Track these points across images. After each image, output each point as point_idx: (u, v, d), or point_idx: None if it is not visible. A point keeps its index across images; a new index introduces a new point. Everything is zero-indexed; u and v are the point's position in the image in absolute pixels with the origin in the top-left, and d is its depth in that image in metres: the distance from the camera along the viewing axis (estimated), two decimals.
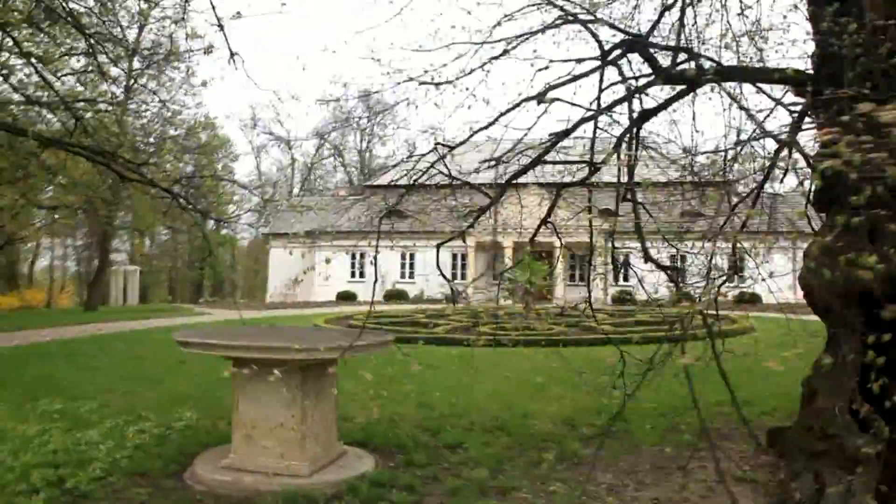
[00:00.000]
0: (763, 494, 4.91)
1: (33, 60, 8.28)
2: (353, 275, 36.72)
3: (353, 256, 36.76)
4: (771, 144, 5.74)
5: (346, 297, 34.68)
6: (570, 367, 7.69)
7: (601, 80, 5.18)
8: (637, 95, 5.14)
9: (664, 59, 5.37)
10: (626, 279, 34.56)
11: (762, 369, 7.50)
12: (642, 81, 5.31)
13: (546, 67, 5.23)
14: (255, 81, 5.50)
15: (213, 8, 5.23)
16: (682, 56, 5.43)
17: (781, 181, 6.01)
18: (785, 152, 5.58)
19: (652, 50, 5.34)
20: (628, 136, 5.22)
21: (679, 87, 5.36)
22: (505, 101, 5.32)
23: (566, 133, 5.24)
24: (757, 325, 15.00)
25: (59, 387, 8.53)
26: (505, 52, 5.34)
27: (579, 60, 5.20)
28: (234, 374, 5.06)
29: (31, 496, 4.54)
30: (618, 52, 5.29)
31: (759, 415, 7.15)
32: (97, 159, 6.97)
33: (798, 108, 5.30)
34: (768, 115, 5.50)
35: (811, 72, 5.23)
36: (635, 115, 5.19)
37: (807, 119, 5.27)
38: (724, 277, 6.82)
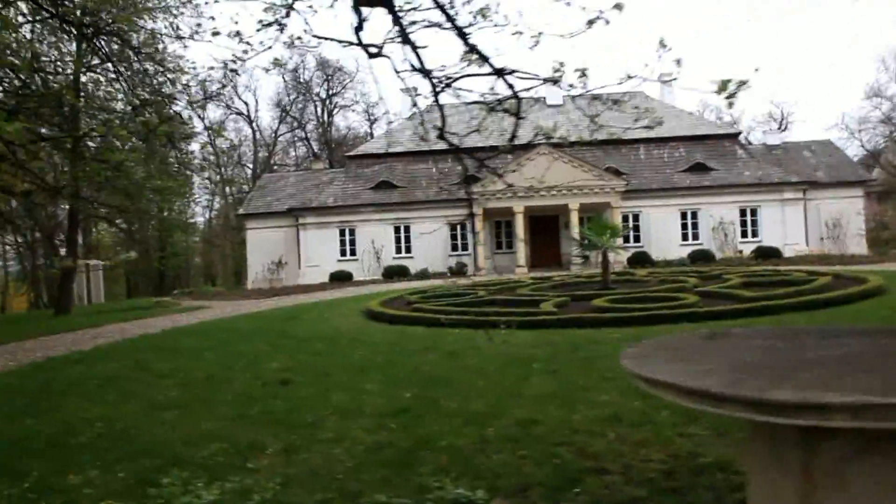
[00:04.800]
0: None
1: None
2: (343, 253, 33.58)
3: (342, 233, 33.58)
4: None
5: (340, 277, 31.60)
6: None
7: None
8: None
9: None
10: (637, 239, 32.73)
11: None
12: None
13: None
14: None
15: None
16: None
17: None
18: None
19: None
20: None
21: None
22: None
23: None
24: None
25: (175, 453, 5.58)
26: None
27: None
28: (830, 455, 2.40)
29: None
30: None
31: None
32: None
33: None
34: None
35: None
36: None
37: None
38: None
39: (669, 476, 4.38)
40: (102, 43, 9.27)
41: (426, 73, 3.78)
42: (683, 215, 32.62)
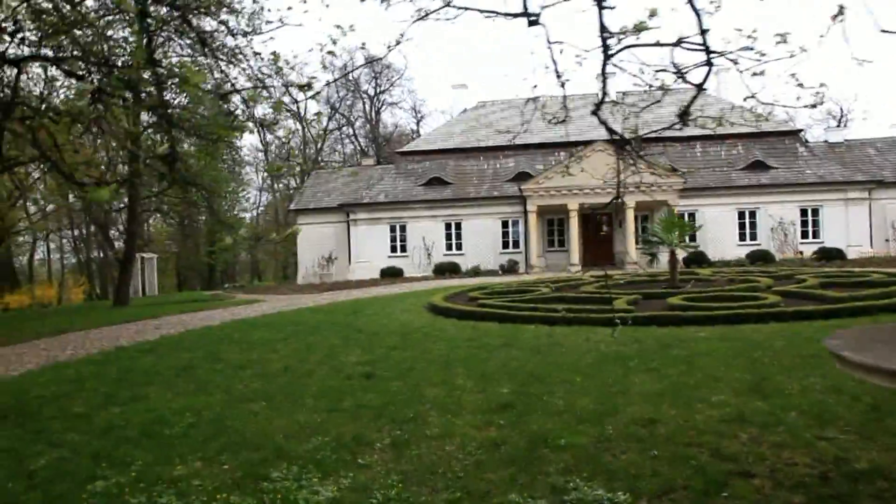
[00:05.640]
0: None
1: None
2: (393, 249, 33.50)
3: (393, 230, 33.50)
4: None
5: (391, 273, 31.51)
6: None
7: None
8: None
9: None
10: (693, 239, 31.90)
11: None
12: None
13: None
14: None
15: None
16: None
17: None
18: None
19: None
20: None
21: None
22: None
23: None
24: None
25: None
26: None
27: None
28: None
29: None
30: None
31: None
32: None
33: None
34: None
35: None
36: None
37: None
38: None
39: (825, 482, 4.03)
40: (191, 28, 9.25)
41: (605, 38, 3.48)
42: (741, 215, 31.69)
